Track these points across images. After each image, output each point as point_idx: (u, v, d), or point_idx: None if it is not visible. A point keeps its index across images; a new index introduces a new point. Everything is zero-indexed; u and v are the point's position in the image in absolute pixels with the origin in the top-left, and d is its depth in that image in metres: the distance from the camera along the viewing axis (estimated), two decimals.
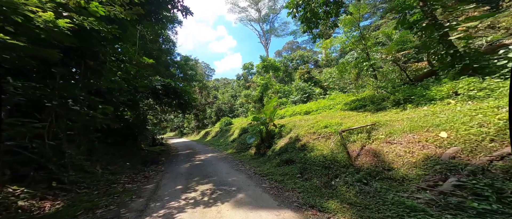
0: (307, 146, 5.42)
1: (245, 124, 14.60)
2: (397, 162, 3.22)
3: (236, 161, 7.64)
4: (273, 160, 6.22)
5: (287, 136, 7.10)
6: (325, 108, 8.75)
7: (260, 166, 6.05)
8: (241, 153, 9.02)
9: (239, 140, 11.25)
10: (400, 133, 3.70)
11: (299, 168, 4.60)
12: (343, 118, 6.08)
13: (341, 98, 8.63)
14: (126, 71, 8.03)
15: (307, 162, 4.70)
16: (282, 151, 6.42)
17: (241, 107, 26.06)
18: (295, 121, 7.95)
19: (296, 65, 25.81)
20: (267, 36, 44.39)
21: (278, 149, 6.77)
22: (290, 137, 6.82)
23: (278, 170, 5.06)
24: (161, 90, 10.25)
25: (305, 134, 6.11)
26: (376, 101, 6.37)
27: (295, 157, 5.30)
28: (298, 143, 5.92)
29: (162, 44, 16.06)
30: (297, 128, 6.99)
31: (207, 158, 8.96)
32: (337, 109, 7.90)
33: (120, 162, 8.19)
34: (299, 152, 5.43)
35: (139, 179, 5.70)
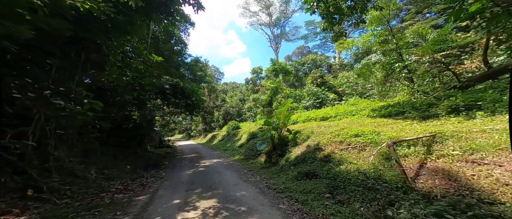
0: (332, 158, 4.38)
1: (253, 129, 13.68)
2: (503, 193, 2.14)
3: (244, 169, 6.68)
4: (288, 171, 5.20)
5: (304, 143, 6.08)
6: (345, 114, 7.65)
7: (273, 178, 5.06)
8: (249, 160, 8.05)
9: (247, 145, 10.31)
10: (492, 149, 2.61)
11: (327, 185, 3.56)
12: (377, 126, 5.00)
13: (365, 104, 7.51)
14: (135, 69, 7.49)
15: (337, 178, 3.65)
16: (298, 160, 5.40)
17: (249, 112, 25.25)
18: (313, 127, 6.93)
19: (307, 69, 24.80)
20: (278, 41, 43.94)
21: (293, 158, 5.75)
22: (307, 145, 5.79)
23: (297, 185, 4.05)
24: (169, 90, 9.65)
25: (329, 143, 5.07)
26: (419, 107, 5.21)
27: (318, 170, 4.27)
28: (320, 153, 4.89)
29: (174, 46, 15.83)
30: (316, 135, 5.96)
31: (213, 163, 8.08)
32: (363, 115, 6.79)
33: (121, 164, 7.52)
34: (322, 164, 4.40)
35: (134, 187, 4.90)
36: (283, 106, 6.96)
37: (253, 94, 26.19)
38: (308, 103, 14.39)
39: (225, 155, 10.50)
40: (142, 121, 10.93)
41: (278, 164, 6.27)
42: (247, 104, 26.14)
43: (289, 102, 7.19)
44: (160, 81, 9.32)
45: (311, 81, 17.82)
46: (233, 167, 7.23)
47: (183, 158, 10.23)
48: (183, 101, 10.44)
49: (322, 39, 38.00)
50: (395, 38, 6.92)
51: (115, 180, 5.60)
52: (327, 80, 17.32)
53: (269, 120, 7.24)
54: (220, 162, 8.36)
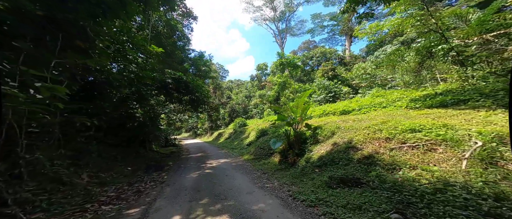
0: (378, 160, 3.33)
1: (262, 125, 12.70)
2: None
3: (257, 171, 5.74)
4: (313, 175, 4.20)
5: (328, 141, 5.03)
6: (372, 107, 6.51)
7: (295, 183, 4.07)
8: (260, 160, 7.10)
9: (257, 143, 9.35)
10: None
11: (388, 200, 2.50)
12: (437, 118, 3.85)
13: (396, 94, 6.34)
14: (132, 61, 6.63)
15: (402, 189, 2.55)
16: (324, 162, 4.38)
17: (255, 109, 24.27)
18: (336, 121, 5.87)
19: (316, 63, 23.42)
20: (283, 36, 42.42)
21: (317, 158, 4.73)
22: (334, 142, 4.75)
23: (334, 195, 3.03)
24: (172, 85, 8.80)
25: (367, 140, 3.99)
26: (489, 93, 4.00)
27: (360, 175, 3.23)
28: (356, 153, 3.84)
29: (177, 41, 15.00)
30: (345, 131, 4.90)
31: (220, 164, 7.18)
32: (399, 107, 5.63)
33: (121, 166, 6.76)
34: (364, 167, 3.36)
35: (128, 195, 4.05)
36: (299, 98, 5.93)
37: (259, 91, 25.18)
38: (320, 97, 13.24)
39: (233, 154, 9.60)
40: (145, 118, 10.20)
41: (296, 165, 5.27)
42: (253, 101, 25.17)
43: (308, 93, 6.13)
44: (162, 75, 8.47)
45: (321, 75, 16.57)
46: (243, 168, 6.30)
47: (188, 158, 9.42)
48: (187, 97, 9.58)
49: (330, 33, 36.23)
50: (434, 18, 5.67)
51: (110, 185, 4.80)
52: (339, 73, 16.01)
53: (283, 114, 6.24)
54: (228, 163, 7.46)
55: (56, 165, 4.09)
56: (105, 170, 5.82)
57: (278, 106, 6.27)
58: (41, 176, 3.66)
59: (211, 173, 5.83)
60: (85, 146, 5.69)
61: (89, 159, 5.51)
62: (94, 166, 5.51)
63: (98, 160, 5.85)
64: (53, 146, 4.12)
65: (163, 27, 14.15)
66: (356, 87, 12.74)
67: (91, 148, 5.92)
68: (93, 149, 5.91)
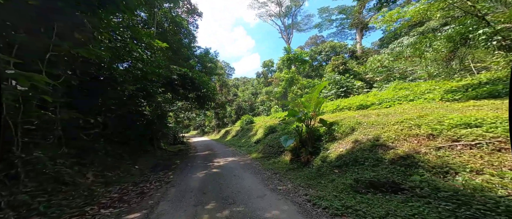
0: (419, 160, 2.77)
1: (270, 122, 12.25)
2: None
3: (267, 171, 5.32)
4: (331, 176, 3.71)
5: (348, 138, 4.49)
6: (397, 100, 5.82)
7: (312, 186, 3.60)
8: (270, 159, 6.68)
9: (265, 141, 8.93)
10: None
11: (451, 214, 1.84)
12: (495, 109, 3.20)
13: (425, 86, 5.57)
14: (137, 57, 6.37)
15: (469, 201, 1.96)
16: (345, 161, 3.86)
17: (262, 105, 23.81)
18: (355, 116, 5.30)
19: (326, 57, 22.43)
20: (289, 31, 41.24)
21: (335, 157, 4.21)
22: (355, 140, 4.21)
23: (363, 202, 2.52)
24: (177, 81, 8.53)
25: (401, 137, 3.41)
26: None
27: (397, 178, 2.69)
28: (386, 152, 3.29)
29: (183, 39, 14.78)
30: (369, 127, 4.32)
31: (228, 163, 6.84)
32: (432, 99, 4.93)
33: (128, 164, 6.61)
34: (401, 169, 2.81)
35: (132, 197, 3.78)
36: (312, 92, 5.41)
37: (265, 88, 24.65)
38: (331, 92, 12.53)
39: (241, 153, 9.25)
40: (153, 116, 10.08)
41: (310, 165, 4.78)
42: (260, 97, 24.70)
43: (322, 86, 5.59)
44: (168, 71, 8.21)
45: (331, 69, 15.74)
46: (252, 167, 5.90)
47: (195, 156, 9.19)
48: (193, 93, 9.30)
49: (338, 27, 34.64)
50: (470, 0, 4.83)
51: (115, 184, 4.58)
52: (350, 68, 15.11)
53: (294, 109, 5.75)
54: (236, 161, 7.10)
55: (59, 164, 3.89)
56: (111, 169, 5.66)
57: (288, 101, 5.78)
58: (42, 175, 3.46)
59: (218, 172, 5.49)
60: (91, 144, 5.52)
61: (95, 158, 5.34)
62: (100, 164, 5.34)
63: (104, 158, 5.69)
64: (54, 144, 3.92)
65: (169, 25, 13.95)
66: (370, 82, 11.88)
67: (97, 146, 5.76)
68: (99, 147, 5.75)
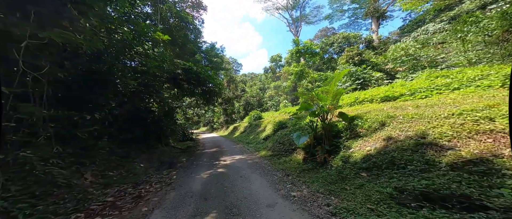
0: (501, 167, 1.95)
1: (279, 118, 11.54)
2: None
3: (277, 172, 4.70)
4: (357, 180, 2.99)
5: (376, 134, 3.69)
6: (435, 89, 4.82)
7: (334, 192, 2.92)
8: (280, 158, 6.05)
9: (274, 138, 8.29)
10: None
11: None
12: None
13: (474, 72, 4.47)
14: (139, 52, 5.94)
15: None
16: (375, 163, 3.11)
17: (270, 101, 23.05)
18: (384, 109, 4.47)
19: (338, 49, 20.94)
20: (297, 24, 39.39)
21: (361, 158, 3.47)
22: (387, 136, 3.41)
23: None
24: (181, 76, 8.09)
25: (463, 134, 2.52)
26: None
27: (469, 191, 1.91)
28: (442, 154, 2.48)
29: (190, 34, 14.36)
30: (407, 121, 3.46)
31: (234, 162, 6.31)
32: (487, 87, 3.92)
33: (134, 163, 6.34)
34: (473, 178, 2.02)
35: (125, 202, 3.36)
36: (330, 83, 4.63)
37: (273, 82, 23.78)
38: (345, 85, 11.47)
39: (249, 150, 8.71)
40: (160, 112, 9.83)
41: (328, 165, 4.08)
42: (268, 93, 23.93)
43: (341, 75, 4.77)
44: (172, 66, 7.78)
45: (345, 61, 14.49)
46: (261, 167, 5.31)
47: (202, 154, 8.81)
48: (199, 89, 8.83)
49: (351, 17, 32.30)
50: None
51: (114, 186, 4.24)
52: (367, 58, 13.78)
53: (308, 103, 5.01)
54: (243, 160, 6.56)
55: (53, 164, 3.58)
56: (115, 168, 5.38)
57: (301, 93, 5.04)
58: (30, 178, 3.13)
59: (224, 173, 4.97)
60: (93, 141, 5.24)
61: (97, 156, 5.06)
62: (102, 163, 5.06)
63: (107, 157, 5.40)
64: (46, 143, 3.59)
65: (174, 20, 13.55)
66: (390, 72, 10.62)
67: (100, 144, 5.49)
68: (101, 145, 5.47)
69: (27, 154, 3.16)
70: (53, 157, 3.66)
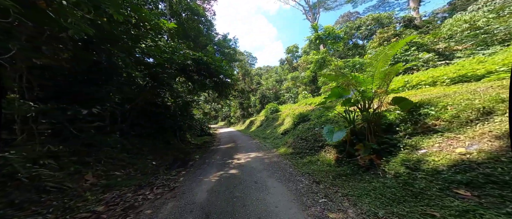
0: None
1: (299, 110, 10.24)
2: None
3: (302, 177, 3.61)
4: (449, 201, 1.72)
5: (474, 129, 2.30)
6: None
7: None
8: (304, 157, 4.92)
9: (295, 132, 7.12)
10: None
11: None
12: None
13: None
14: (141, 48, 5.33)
15: None
16: (489, 176, 1.81)
17: (287, 93, 21.52)
18: (476, 90, 2.98)
19: (367, 33, 18.10)
20: (315, 11, 35.87)
21: (448, 164, 2.14)
22: (501, 132, 2.03)
23: None
24: (192, 67, 7.40)
25: None
26: None
27: None
28: None
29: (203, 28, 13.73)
30: None
31: (249, 161, 5.41)
32: None
33: (147, 160, 5.97)
34: None
35: (115, 214, 2.72)
36: (378, 59, 3.30)
37: (291, 73, 22.07)
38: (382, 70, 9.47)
39: (266, 146, 7.74)
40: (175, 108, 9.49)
41: (378, 171, 2.82)
42: (285, 84, 22.38)
43: (400, 45, 3.35)
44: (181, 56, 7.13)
45: (378, 44, 12.17)
46: (280, 169, 4.29)
47: (217, 150, 8.17)
48: (210, 80, 8.09)
49: None
50: None
51: (115, 189, 3.72)
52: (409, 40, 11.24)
53: (340, 88, 3.73)
54: (260, 158, 5.61)
55: (43, 165, 3.14)
56: (124, 166, 4.97)
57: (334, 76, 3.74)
58: (12, 182, 2.69)
59: (236, 175, 4.10)
60: (101, 138, 4.88)
61: (103, 154, 4.68)
62: (109, 162, 4.67)
63: (115, 155, 5.01)
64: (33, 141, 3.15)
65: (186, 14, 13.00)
66: (444, 52, 8.23)
67: (108, 140, 5.13)
68: (110, 142, 5.10)
69: (8, 155, 2.70)
70: (44, 156, 3.22)
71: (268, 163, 4.96)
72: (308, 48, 30.62)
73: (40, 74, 3.26)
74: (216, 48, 13.83)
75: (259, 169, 4.44)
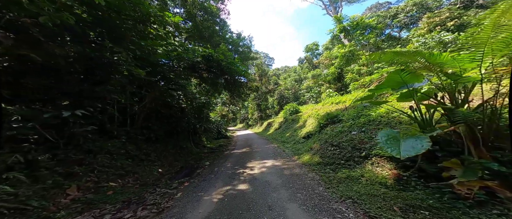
0: None
1: (325, 109, 8.69)
2: None
3: (342, 204, 2.30)
4: None
5: None
6: None
7: None
8: (339, 169, 3.55)
9: (322, 136, 5.71)
10: None
11: None
12: None
13: None
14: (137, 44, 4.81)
15: None
16: None
17: (308, 93, 19.68)
18: None
19: (408, 20, 15.25)
20: (336, 5, 32.91)
21: None
22: None
23: None
24: (202, 65, 6.72)
25: None
26: None
27: None
28: None
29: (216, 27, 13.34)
30: None
31: (264, 173, 4.25)
32: None
33: (154, 167, 5.40)
34: None
35: None
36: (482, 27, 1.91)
37: (311, 71, 20.22)
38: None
39: (285, 152, 6.47)
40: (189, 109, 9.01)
41: (507, 211, 1.40)
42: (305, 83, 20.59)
43: None
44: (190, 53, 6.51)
45: (427, 30, 9.78)
46: (305, 187, 3.03)
47: (229, 156, 7.26)
48: (222, 79, 7.29)
49: None
50: None
51: (97, 206, 3.02)
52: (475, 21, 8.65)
53: (404, 74, 2.34)
54: (278, 168, 4.41)
55: (5, 179, 2.59)
56: (122, 175, 4.37)
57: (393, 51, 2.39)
58: None
59: (245, 194, 3.01)
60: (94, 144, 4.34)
61: (99, 162, 4.13)
62: (105, 171, 4.10)
63: (114, 162, 4.46)
64: None
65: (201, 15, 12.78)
66: None
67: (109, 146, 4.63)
68: (108, 147, 4.58)
69: None
70: (14, 168, 2.68)
71: (288, 175, 3.75)
72: (330, 44, 28.08)
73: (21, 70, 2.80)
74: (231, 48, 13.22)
75: (276, 184, 3.27)
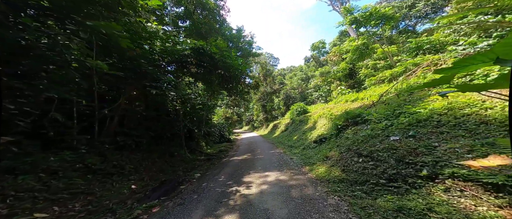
0: None
1: (339, 108, 7.30)
2: None
3: None
4: None
5: None
6: None
7: None
8: (378, 193, 2.24)
9: (341, 142, 4.35)
10: None
11: None
12: None
13: None
14: None
15: None
16: None
17: (316, 92, 18.18)
18: None
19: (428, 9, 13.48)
20: (342, 0, 31.23)
21: None
22: None
23: None
24: (191, 59, 5.66)
25: None
26: None
27: None
28: None
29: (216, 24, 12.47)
30: None
31: (264, 194, 2.99)
32: None
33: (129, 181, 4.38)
34: None
35: None
36: None
37: (319, 69, 18.74)
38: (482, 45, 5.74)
39: (293, 160, 5.14)
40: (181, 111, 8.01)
41: None
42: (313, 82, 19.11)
43: None
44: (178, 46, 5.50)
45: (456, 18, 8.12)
46: None
47: (228, 163, 6.09)
48: (216, 74, 6.18)
49: None
50: None
51: None
52: None
53: None
54: (284, 187, 3.14)
55: None
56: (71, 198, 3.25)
57: None
58: None
59: None
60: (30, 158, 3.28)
61: (16, 185, 3.00)
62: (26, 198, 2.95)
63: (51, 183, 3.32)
64: None
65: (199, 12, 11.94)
66: None
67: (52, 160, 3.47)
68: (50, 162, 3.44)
69: None
70: None
71: (297, 199, 2.50)
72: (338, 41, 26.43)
73: None
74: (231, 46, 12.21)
75: (279, 217, 2.03)
